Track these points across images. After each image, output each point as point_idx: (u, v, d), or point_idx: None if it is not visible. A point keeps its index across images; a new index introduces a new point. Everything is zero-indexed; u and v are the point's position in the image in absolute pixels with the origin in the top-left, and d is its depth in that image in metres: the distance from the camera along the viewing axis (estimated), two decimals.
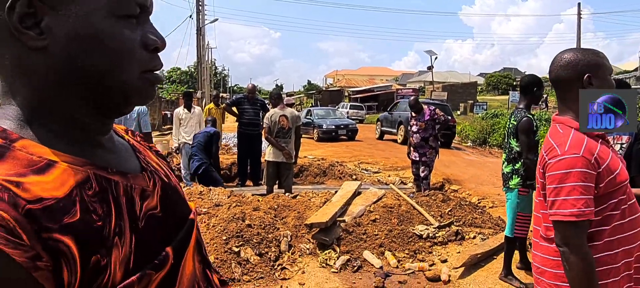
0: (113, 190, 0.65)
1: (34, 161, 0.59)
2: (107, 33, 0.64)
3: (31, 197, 0.55)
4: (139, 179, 0.71)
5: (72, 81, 0.64)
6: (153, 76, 0.70)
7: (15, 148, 0.59)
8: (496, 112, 23.80)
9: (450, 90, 35.80)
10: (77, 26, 0.62)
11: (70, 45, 0.62)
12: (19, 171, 0.57)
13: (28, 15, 0.61)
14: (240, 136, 8.75)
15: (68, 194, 0.59)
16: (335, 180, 9.88)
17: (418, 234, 5.06)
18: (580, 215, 1.54)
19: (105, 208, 0.63)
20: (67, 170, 0.61)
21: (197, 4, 25.45)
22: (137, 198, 0.69)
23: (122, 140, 0.79)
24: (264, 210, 5.32)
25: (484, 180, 10.76)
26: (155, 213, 0.72)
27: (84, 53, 0.63)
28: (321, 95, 45.23)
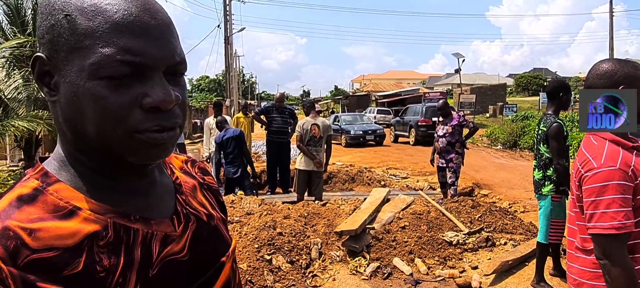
0: (130, 238, 0.68)
1: (60, 207, 0.65)
2: (87, 97, 0.63)
3: (39, 246, 0.61)
4: (164, 225, 0.73)
5: (76, 138, 0.68)
6: (147, 136, 0.65)
7: (48, 192, 0.66)
8: (527, 114, 23.41)
9: (479, 92, 35.31)
10: (69, 88, 0.64)
11: (67, 105, 0.66)
12: (41, 216, 0.63)
13: (45, 73, 0.67)
14: (269, 144, 8.88)
15: (78, 244, 0.63)
16: (364, 187, 9.92)
17: (448, 241, 5.07)
18: (620, 228, 1.54)
19: (113, 260, 0.65)
20: (87, 219, 0.65)
21: (225, 14, 25.85)
22: (157, 244, 0.71)
23: (166, 180, 0.80)
24: (295, 218, 5.41)
25: (515, 184, 10.62)
26: (178, 258, 0.73)
27: (76, 115, 0.65)
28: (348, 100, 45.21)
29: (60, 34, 0.64)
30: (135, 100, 0.64)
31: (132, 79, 0.64)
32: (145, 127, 0.65)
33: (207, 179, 0.91)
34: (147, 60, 0.64)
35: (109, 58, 0.62)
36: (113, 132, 0.64)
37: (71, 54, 0.64)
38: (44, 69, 0.67)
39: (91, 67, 0.62)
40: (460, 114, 7.61)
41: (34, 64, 0.67)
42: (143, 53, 0.63)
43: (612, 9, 27.53)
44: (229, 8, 26.15)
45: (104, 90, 0.63)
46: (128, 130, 0.64)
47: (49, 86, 0.67)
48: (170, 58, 0.67)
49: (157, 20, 0.66)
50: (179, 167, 0.87)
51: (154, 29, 0.65)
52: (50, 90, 0.68)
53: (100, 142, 0.66)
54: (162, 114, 0.66)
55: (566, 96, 4.16)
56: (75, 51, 0.63)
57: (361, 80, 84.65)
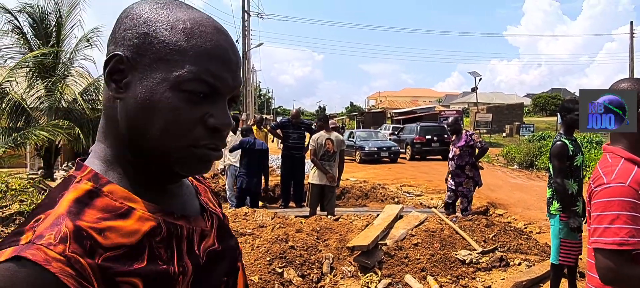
0: (178, 234, 0.75)
1: (117, 207, 0.70)
2: (164, 104, 0.70)
3: (110, 244, 0.66)
4: (200, 221, 0.81)
5: (135, 139, 0.73)
6: (202, 152, 0.73)
7: (104, 193, 0.71)
8: (544, 134, 23.17)
9: (495, 112, 35.08)
10: (145, 91, 0.70)
11: (136, 106, 0.71)
12: (103, 216, 0.68)
13: (118, 71, 0.73)
14: (284, 158, 8.93)
15: (139, 241, 0.69)
16: (377, 203, 9.88)
17: (461, 259, 5.02)
18: (622, 244, 1.52)
19: (168, 253, 0.72)
20: (142, 217, 0.71)
21: (243, 29, 26.18)
22: (197, 238, 0.79)
23: (187, 183, 0.87)
24: (307, 232, 5.41)
25: (531, 205, 10.49)
26: (215, 249, 0.82)
27: (143, 117, 0.71)
28: (364, 117, 45.21)
29: (152, 43, 0.71)
30: (202, 118, 0.72)
31: (205, 99, 0.72)
32: (203, 143, 0.73)
33: (207, 183, 0.99)
34: (221, 87, 0.73)
35: (194, 75, 0.70)
36: (175, 141, 0.71)
37: (157, 63, 0.71)
38: (119, 67, 0.72)
39: (176, 79, 0.70)
40: (468, 133, 7.22)
41: (110, 60, 0.72)
42: (221, 80, 0.73)
43: (632, 30, 27.24)
44: (247, 23, 26.49)
45: (181, 103, 0.70)
46: (188, 143, 0.72)
47: (119, 84, 0.72)
48: (237, 90, 0.77)
49: (236, 57, 0.77)
50: None
51: (233, 64, 0.75)
52: (118, 87, 0.73)
53: (159, 147, 0.72)
54: (219, 134, 0.74)
55: (573, 115, 4.12)
56: (162, 62, 0.71)
57: (377, 97, 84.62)
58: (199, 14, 0.75)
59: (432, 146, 20.84)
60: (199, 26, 0.72)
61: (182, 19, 0.72)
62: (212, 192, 0.98)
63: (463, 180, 7.02)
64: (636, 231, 1.54)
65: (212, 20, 0.76)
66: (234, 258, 0.88)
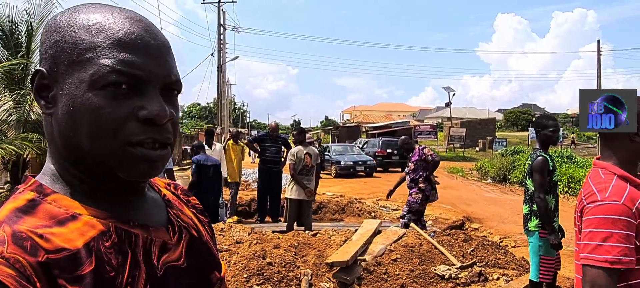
0: (132, 242, 0.70)
1: (60, 213, 0.66)
2: (85, 107, 0.65)
3: (52, 248, 0.62)
4: (161, 232, 0.75)
5: (70, 152, 0.69)
6: (140, 151, 0.67)
7: (47, 201, 0.68)
8: (516, 149, 23.58)
9: (469, 126, 35.61)
10: (67, 99, 0.67)
11: (64, 117, 0.67)
12: (45, 223, 0.64)
13: (44, 87, 0.70)
14: (261, 172, 8.82)
15: (86, 245, 0.65)
16: (354, 218, 9.84)
17: (440, 274, 5.00)
18: (614, 262, 1.50)
19: (120, 259, 0.67)
20: (90, 222, 0.67)
21: (219, 43, 26.04)
22: (156, 250, 0.73)
23: (155, 196, 0.82)
24: (285, 248, 5.32)
25: (506, 219, 10.60)
26: (178, 265, 0.75)
27: (71, 126, 0.67)
28: (338, 131, 45.33)
29: (63, 49, 0.68)
30: (131, 112, 0.67)
31: (130, 93, 0.67)
32: (138, 140, 0.67)
33: (191, 200, 0.93)
34: (145, 75, 0.68)
35: (108, 68, 0.66)
36: (107, 143, 0.66)
37: (71, 67, 0.67)
38: (43, 82, 0.70)
39: (91, 78, 0.66)
40: (421, 147, 7.38)
41: (34, 77, 0.70)
42: (142, 68, 0.68)
43: (599, 49, 28.12)
44: (223, 37, 26.37)
45: (102, 100, 0.66)
46: (122, 142, 0.67)
47: (47, 99, 0.70)
48: (167, 76, 0.71)
49: (157, 41, 0.71)
50: (164, 187, 0.89)
51: (153, 48, 0.70)
52: (47, 103, 0.70)
53: (93, 154, 0.67)
54: (155, 127, 0.68)
55: (545, 131, 4.14)
56: (76, 64, 0.67)
57: (352, 111, 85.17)
58: (116, 10, 0.71)
59: (392, 159, 22.39)
60: (110, 19, 0.69)
61: (94, 18, 0.69)
62: (198, 209, 0.92)
63: (413, 192, 7.15)
64: (629, 250, 1.52)
65: (129, 11, 0.72)
66: (206, 279, 0.81)
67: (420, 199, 7.13)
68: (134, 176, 0.69)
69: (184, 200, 0.90)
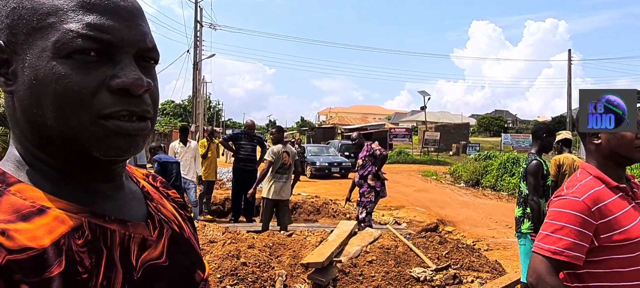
0: (108, 239, 0.62)
1: (25, 206, 0.57)
2: (50, 77, 0.58)
3: (15, 247, 0.53)
4: (140, 228, 0.68)
5: (35, 131, 0.62)
6: (114, 124, 0.60)
7: (10, 192, 0.58)
8: (489, 154, 23.94)
9: (443, 131, 36.03)
10: (29, 72, 0.59)
11: (26, 92, 0.60)
12: (8, 217, 0.55)
13: (2, 62, 0.61)
14: (235, 171, 8.71)
15: (55, 243, 0.56)
16: (329, 219, 9.81)
17: (415, 277, 4.99)
18: (556, 253, 1.54)
19: (93, 259, 0.59)
20: (60, 217, 0.59)
21: (195, 40, 25.71)
22: (135, 247, 0.65)
23: (133, 187, 0.75)
24: (259, 248, 5.24)
25: (479, 222, 10.72)
26: (159, 263, 0.68)
27: (35, 101, 0.59)
28: (314, 132, 45.34)
29: (21, 16, 0.60)
30: (102, 82, 0.60)
31: (101, 61, 0.60)
32: (112, 111, 0.60)
33: (171, 193, 0.85)
34: (115, 40, 0.60)
35: (74, 33, 0.58)
36: (76, 118, 0.59)
37: (32, 35, 0.59)
38: (2, 57, 0.60)
39: (55, 45, 0.58)
40: (369, 144, 7.32)
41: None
42: (112, 31, 0.60)
43: (570, 58, 28.79)
44: (199, 34, 26.05)
45: (68, 69, 0.58)
46: (93, 115, 0.59)
47: (6, 75, 0.61)
48: (142, 41, 0.63)
49: (127, 3, 0.63)
50: (142, 178, 0.81)
51: (123, 10, 0.62)
52: (6, 79, 0.61)
53: (62, 130, 0.60)
54: (132, 99, 0.61)
55: (548, 138, 4.32)
56: (36, 31, 0.59)
57: (328, 112, 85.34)
58: None
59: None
60: None
61: None
62: (177, 203, 0.84)
63: (365, 191, 7.09)
64: (575, 245, 1.54)
65: None
66: (190, 277, 0.73)
67: (373, 197, 7.13)
68: (110, 154, 0.62)
69: (164, 193, 0.83)
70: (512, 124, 61.53)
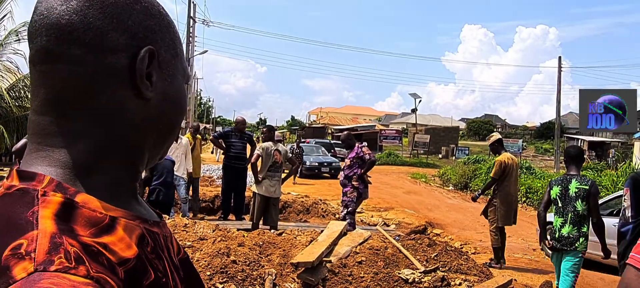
0: (159, 243, 0.66)
1: (99, 219, 0.56)
2: (183, 93, 0.72)
3: (118, 260, 0.54)
4: (164, 227, 0.72)
5: (158, 130, 0.69)
6: None
7: (79, 204, 0.56)
8: (478, 158, 24.09)
9: (433, 133, 36.21)
10: (170, 85, 0.69)
11: (164, 100, 0.67)
12: (90, 231, 0.54)
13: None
14: (225, 169, 8.68)
15: (138, 254, 0.58)
16: (319, 219, 9.83)
17: (404, 278, 5.02)
18: None
19: (162, 264, 0.64)
20: (127, 227, 0.59)
21: (188, 35, 25.59)
22: (171, 246, 0.71)
23: None
24: (249, 246, 5.24)
25: (467, 226, 10.80)
26: (182, 257, 0.74)
27: (171, 108, 0.69)
28: (304, 132, 45.33)
29: (163, 38, 0.68)
30: None
31: None
32: None
33: None
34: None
35: (184, 67, 0.73)
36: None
37: (171, 55, 0.69)
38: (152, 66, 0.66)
39: (184, 72, 0.72)
40: (360, 146, 7.40)
41: (145, 55, 0.63)
42: None
43: (560, 65, 29.06)
44: (192, 29, 25.94)
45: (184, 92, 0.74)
46: None
47: (151, 82, 0.66)
48: None
49: None
50: None
51: None
52: (150, 84, 0.65)
53: (175, 133, 0.74)
54: None
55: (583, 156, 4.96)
56: (173, 54, 0.70)
57: (318, 112, 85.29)
58: None
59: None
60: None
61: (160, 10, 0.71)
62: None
63: (348, 191, 7.22)
64: None
65: None
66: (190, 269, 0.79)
67: (355, 197, 7.25)
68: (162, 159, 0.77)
69: None
70: (501, 128, 61.95)
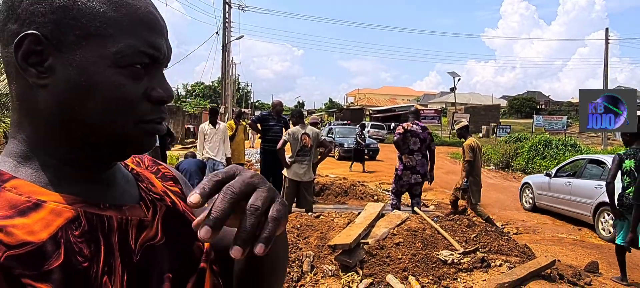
0: (105, 226, 0.65)
1: (21, 201, 0.60)
2: (106, 84, 0.63)
3: (13, 242, 0.56)
4: (136, 210, 0.71)
5: (66, 126, 0.65)
6: (151, 127, 0.69)
7: (5, 188, 0.61)
8: (520, 136, 23.49)
9: (473, 112, 35.50)
10: (78, 72, 0.63)
11: (69, 90, 0.63)
12: (5, 213, 0.58)
13: (35, 53, 0.62)
14: (264, 153, 8.76)
15: (53, 236, 0.59)
16: (357, 201, 9.84)
17: (443, 260, 4.98)
18: None
19: (92, 248, 0.62)
20: (56, 210, 0.61)
21: (224, 21, 25.84)
22: (133, 230, 0.69)
23: (124, 170, 0.78)
24: (287, 229, 5.29)
25: (508, 205, 10.59)
26: (156, 243, 0.71)
27: (79, 100, 0.63)
28: (342, 114, 45.25)
29: (75, 17, 0.63)
30: (144, 92, 0.67)
31: (144, 72, 0.67)
32: (150, 118, 0.69)
33: (161, 168, 0.88)
34: (160, 56, 0.69)
35: (133, 48, 0.65)
36: (123, 121, 0.66)
37: (86, 39, 0.63)
38: (36, 48, 0.62)
39: (115, 55, 0.64)
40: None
41: (22, 41, 0.62)
42: (160, 48, 0.68)
43: (608, 37, 27.81)
44: (228, 15, 26.16)
45: (123, 79, 0.65)
46: (136, 119, 0.67)
47: (39, 68, 0.63)
48: (170, 57, 0.73)
49: (163, 20, 0.71)
50: (130, 161, 0.85)
51: (164, 29, 0.71)
52: (39, 72, 0.63)
53: (104, 129, 0.65)
54: (162, 107, 0.71)
55: None
56: (92, 37, 0.63)
57: (356, 94, 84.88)
58: None
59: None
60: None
61: None
62: (168, 177, 0.86)
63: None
64: None
65: None
66: (188, 251, 0.75)
67: (395, 178, 7.48)
68: (141, 149, 0.70)
69: (153, 170, 0.86)
70: (544, 105, 59.99)
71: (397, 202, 7.38)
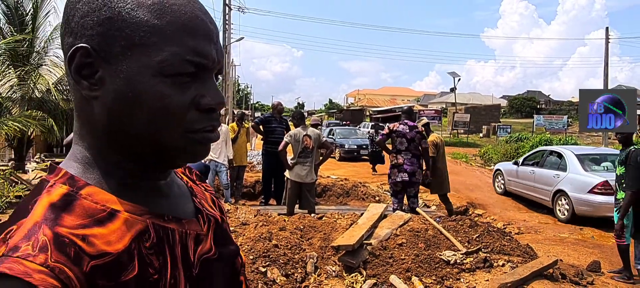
0: (169, 239, 0.67)
1: (98, 210, 0.62)
2: (150, 94, 0.62)
3: (95, 252, 0.58)
4: (194, 224, 0.72)
5: (116, 136, 0.65)
6: (201, 136, 0.67)
7: (82, 196, 0.62)
8: (520, 136, 23.50)
9: (473, 112, 35.50)
10: (124, 83, 0.62)
11: (117, 101, 0.63)
12: (83, 222, 0.60)
13: (86, 65, 0.63)
14: (266, 155, 8.79)
15: (127, 248, 0.61)
16: (359, 201, 9.86)
17: (445, 260, 5.00)
18: None
19: (161, 260, 0.64)
20: (128, 221, 0.63)
21: (224, 23, 25.87)
22: (192, 243, 0.70)
23: (179, 182, 0.79)
24: (290, 231, 5.33)
25: (509, 206, 10.60)
26: (211, 257, 0.73)
27: (127, 111, 0.63)
28: (343, 114, 45.27)
29: (120, 28, 0.62)
30: (193, 100, 0.65)
31: (192, 80, 0.65)
32: (200, 127, 0.66)
33: (204, 186, 0.90)
34: (209, 63, 0.66)
35: (178, 57, 0.63)
36: (169, 131, 0.65)
37: (131, 49, 0.62)
38: (86, 61, 0.63)
39: (160, 65, 0.62)
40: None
41: (74, 54, 0.63)
42: (207, 55, 0.65)
43: (608, 36, 27.81)
44: (228, 17, 26.19)
45: (168, 89, 0.63)
46: (184, 129, 0.65)
47: (91, 80, 0.64)
48: (221, 62, 0.69)
49: (215, 26, 0.69)
50: (181, 172, 0.85)
51: (214, 34, 0.68)
52: (91, 84, 0.64)
53: (152, 140, 0.65)
54: (214, 114, 0.68)
55: None
56: (137, 47, 0.62)
57: (356, 94, 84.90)
58: None
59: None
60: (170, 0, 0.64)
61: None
62: (213, 195, 0.88)
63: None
64: None
65: None
66: (234, 266, 0.79)
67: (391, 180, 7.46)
68: (191, 159, 0.69)
69: (201, 186, 0.87)
70: (544, 105, 60.00)
71: (397, 205, 7.39)
